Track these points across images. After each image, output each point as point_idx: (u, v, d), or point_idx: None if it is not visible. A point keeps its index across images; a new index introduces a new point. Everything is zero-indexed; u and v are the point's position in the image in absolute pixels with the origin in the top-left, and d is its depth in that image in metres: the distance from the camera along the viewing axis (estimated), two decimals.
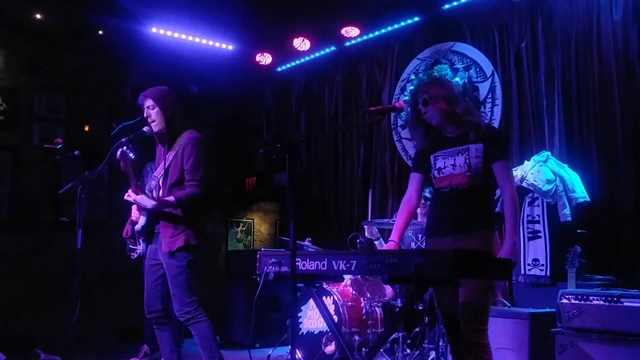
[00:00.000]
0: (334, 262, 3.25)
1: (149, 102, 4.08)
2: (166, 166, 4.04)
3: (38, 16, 6.66)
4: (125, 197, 4.05)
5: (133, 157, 4.00)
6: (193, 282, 3.99)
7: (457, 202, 3.41)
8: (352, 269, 3.19)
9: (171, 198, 3.95)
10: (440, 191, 3.50)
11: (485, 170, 3.38)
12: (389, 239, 3.59)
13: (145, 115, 4.10)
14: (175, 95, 4.16)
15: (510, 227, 3.37)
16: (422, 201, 4.51)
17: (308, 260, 3.38)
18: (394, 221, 3.94)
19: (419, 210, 5.43)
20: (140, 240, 4.22)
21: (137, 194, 3.97)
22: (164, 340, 4.11)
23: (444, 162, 3.47)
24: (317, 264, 3.33)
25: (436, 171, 3.50)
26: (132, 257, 5.75)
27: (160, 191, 4.09)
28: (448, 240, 3.40)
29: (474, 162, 3.38)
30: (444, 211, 3.49)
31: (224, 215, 8.35)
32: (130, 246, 5.76)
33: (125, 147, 3.97)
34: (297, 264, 3.24)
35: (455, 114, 3.44)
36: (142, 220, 4.10)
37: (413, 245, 5.29)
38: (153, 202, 3.95)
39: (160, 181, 4.09)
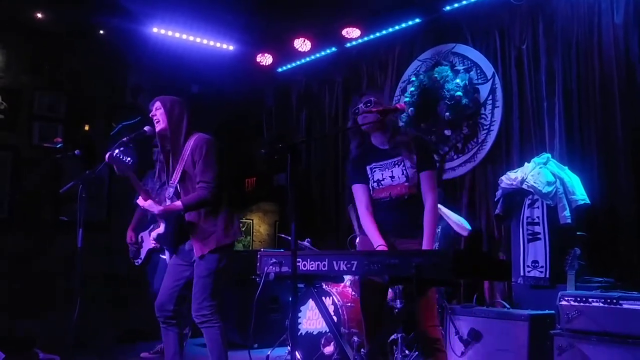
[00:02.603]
0: (334, 262, 3.26)
1: (157, 104, 4.09)
2: (181, 172, 4.03)
3: (39, 15, 6.66)
4: (138, 202, 4.07)
5: (129, 160, 3.98)
6: (217, 287, 3.98)
7: (398, 210, 3.60)
8: (353, 269, 3.20)
9: (178, 203, 3.94)
10: (380, 201, 3.66)
11: (418, 179, 3.58)
12: (377, 245, 3.59)
13: (151, 115, 4.10)
14: (184, 105, 4.15)
15: (427, 233, 3.47)
16: None
17: (309, 260, 3.38)
18: None
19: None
20: (165, 249, 4.24)
21: (146, 200, 3.97)
22: (169, 341, 4.10)
23: (382, 174, 3.64)
24: (318, 265, 3.34)
25: (375, 183, 3.67)
26: (137, 263, 5.75)
27: (182, 197, 4.08)
28: (391, 242, 3.57)
29: (411, 172, 3.58)
30: (385, 217, 3.64)
31: None
32: (133, 252, 5.76)
33: (116, 151, 3.95)
34: (297, 264, 3.25)
35: (392, 127, 3.64)
36: (160, 228, 4.12)
37: None
38: (160, 208, 3.94)
39: (179, 187, 4.08)
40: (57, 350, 5.37)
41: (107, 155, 3.95)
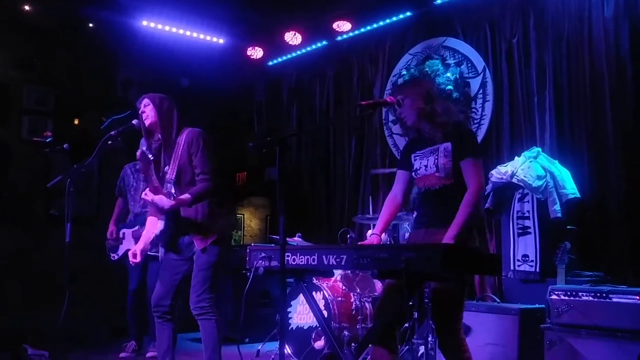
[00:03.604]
0: (324, 256, 3.24)
1: (145, 101, 4.07)
2: (175, 167, 4.01)
3: (27, 9, 6.60)
4: (142, 196, 4.02)
5: (151, 157, 3.98)
6: (216, 280, 3.98)
7: (429, 201, 3.47)
8: (342, 263, 3.18)
9: (186, 196, 3.90)
10: (418, 192, 3.56)
11: (454, 168, 3.37)
12: (372, 232, 3.61)
13: (140, 112, 4.08)
14: (173, 102, 4.13)
15: (458, 218, 3.25)
16: None
17: (298, 254, 3.36)
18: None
19: None
20: (159, 246, 4.21)
21: (156, 194, 3.94)
22: (164, 336, 4.08)
23: (420, 163, 3.50)
24: (307, 259, 3.32)
25: (413, 172, 3.55)
26: (113, 258, 5.74)
27: (175, 192, 4.05)
28: (422, 232, 3.48)
29: (442, 162, 3.37)
30: (419, 209, 3.56)
31: None
32: (111, 245, 5.75)
33: (144, 148, 3.98)
34: (287, 258, 3.24)
35: (434, 113, 3.42)
36: (160, 225, 4.08)
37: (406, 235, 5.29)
38: (171, 202, 3.90)
39: (174, 182, 4.05)
40: (46, 345, 5.34)
41: (138, 153, 4.01)
